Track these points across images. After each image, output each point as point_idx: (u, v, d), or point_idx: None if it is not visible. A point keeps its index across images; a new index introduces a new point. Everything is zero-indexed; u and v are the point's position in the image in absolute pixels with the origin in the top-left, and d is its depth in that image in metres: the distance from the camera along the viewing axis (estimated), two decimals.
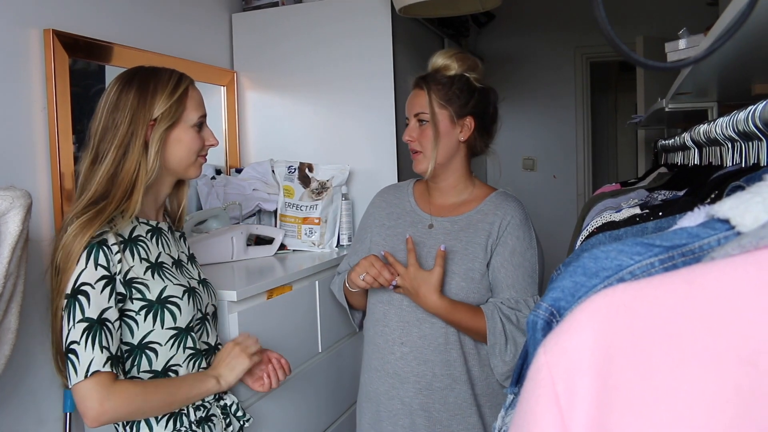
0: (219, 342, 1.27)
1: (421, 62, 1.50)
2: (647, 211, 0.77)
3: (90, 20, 1.60)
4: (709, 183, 0.81)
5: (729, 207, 0.42)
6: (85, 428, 1.47)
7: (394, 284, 1.34)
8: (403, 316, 1.37)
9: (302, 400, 1.63)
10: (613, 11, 1.35)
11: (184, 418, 1.13)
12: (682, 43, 1.29)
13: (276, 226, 2.00)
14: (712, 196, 0.73)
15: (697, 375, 0.33)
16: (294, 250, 1.96)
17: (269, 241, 1.89)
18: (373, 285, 1.34)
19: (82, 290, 1.01)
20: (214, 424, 1.18)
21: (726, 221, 0.43)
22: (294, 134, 2.18)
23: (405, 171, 2.02)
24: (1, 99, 1.35)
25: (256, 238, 1.89)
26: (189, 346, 1.15)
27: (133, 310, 1.08)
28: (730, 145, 0.92)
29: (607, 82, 5.30)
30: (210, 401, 1.18)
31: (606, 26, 0.43)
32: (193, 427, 1.14)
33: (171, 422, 1.12)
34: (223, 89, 2.18)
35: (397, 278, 1.33)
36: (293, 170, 1.98)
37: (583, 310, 0.38)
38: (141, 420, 1.10)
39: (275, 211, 2.01)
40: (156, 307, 1.10)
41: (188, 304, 1.14)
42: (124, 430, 1.11)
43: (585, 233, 0.89)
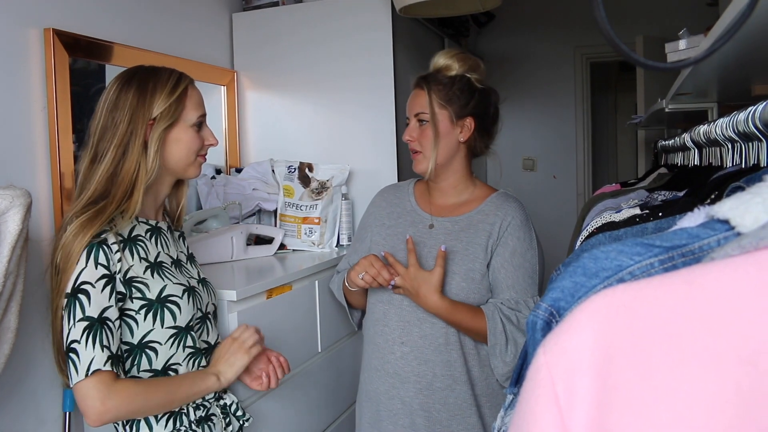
0: (219, 341, 1.27)
1: (421, 62, 1.50)
2: (647, 211, 0.77)
3: (90, 20, 1.60)
4: (709, 184, 0.80)
5: (729, 208, 0.42)
6: (85, 428, 1.47)
7: (392, 284, 1.34)
8: (404, 316, 1.37)
9: (302, 400, 1.63)
10: (613, 11, 1.35)
11: (184, 418, 1.13)
12: (682, 44, 1.29)
13: (276, 225, 2.00)
14: (712, 196, 0.73)
15: (697, 375, 0.33)
16: (294, 250, 1.96)
17: (269, 240, 1.89)
18: (372, 284, 1.34)
19: (82, 289, 1.01)
20: (213, 424, 1.18)
21: (726, 222, 0.43)
22: (294, 134, 2.18)
23: (405, 171, 2.02)
24: (1, 98, 1.35)
25: (256, 237, 1.89)
26: (189, 345, 1.15)
27: (133, 309, 1.08)
28: (730, 146, 0.92)
29: (607, 82, 5.30)
30: (210, 401, 1.18)
31: (606, 26, 0.43)
32: (193, 427, 1.14)
33: (171, 422, 1.12)
34: (223, 89, 2.18)
35: (396, 278, 1.33)
36: (293, 170, 1.98)
37: (583, 310, 0.38)
38: (141, 419, 1.10)
39: (275, 211, 2.01)
40: (156, 306, 1.10)
41: (188, 303, 1.14)
42: (124, 429, 1.11)
43: (585, 233, 0.89)
